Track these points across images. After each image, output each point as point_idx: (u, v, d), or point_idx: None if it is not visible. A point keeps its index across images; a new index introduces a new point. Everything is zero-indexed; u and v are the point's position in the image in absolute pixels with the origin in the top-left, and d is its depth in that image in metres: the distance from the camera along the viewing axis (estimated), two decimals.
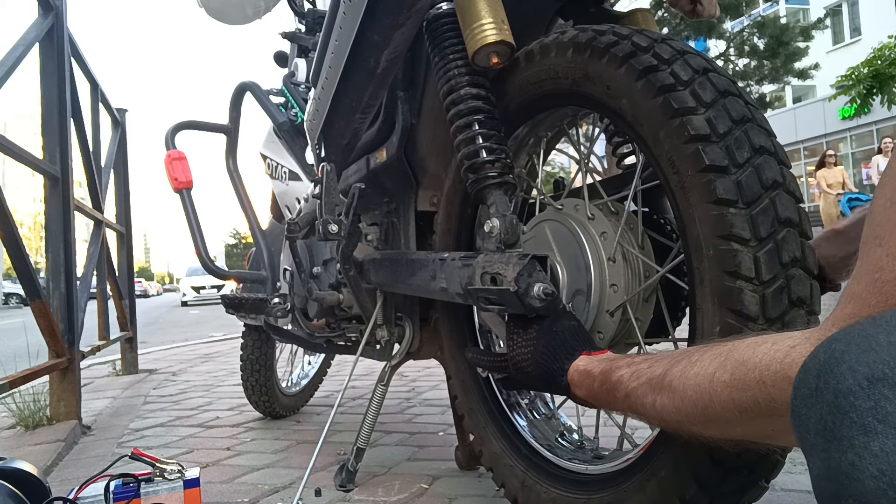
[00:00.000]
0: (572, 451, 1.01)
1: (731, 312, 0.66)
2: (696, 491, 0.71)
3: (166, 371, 3.63)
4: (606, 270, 0.87)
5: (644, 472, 0.77)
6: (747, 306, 0.65)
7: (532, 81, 0.93)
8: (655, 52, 0.75)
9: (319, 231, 1.19)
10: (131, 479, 1.04)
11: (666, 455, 0.75)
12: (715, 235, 0.68)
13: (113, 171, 3.45)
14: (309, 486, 1.32)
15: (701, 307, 0.70)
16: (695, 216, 0.70)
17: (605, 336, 0.88)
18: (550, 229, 0.96)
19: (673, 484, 0.73)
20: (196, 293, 21.06)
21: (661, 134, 0.73)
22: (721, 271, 0.67)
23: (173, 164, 1.84)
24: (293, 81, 1.83)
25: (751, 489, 0.73)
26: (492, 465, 1.07)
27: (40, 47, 2.23)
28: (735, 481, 0.71)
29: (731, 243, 0.66)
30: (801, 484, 1.22)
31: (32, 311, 2.05)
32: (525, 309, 0.82)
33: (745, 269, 0.66)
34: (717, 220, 0.67)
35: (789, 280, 0.66)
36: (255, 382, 2.09)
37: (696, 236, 0.70)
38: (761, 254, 0.66)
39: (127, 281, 3.74)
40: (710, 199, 0.68)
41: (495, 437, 1.07)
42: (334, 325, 1.55)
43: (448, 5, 0.98)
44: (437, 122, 1.16)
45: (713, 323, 0.68)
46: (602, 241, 0.88)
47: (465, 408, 1.16)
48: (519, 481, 0.99)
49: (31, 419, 2.11)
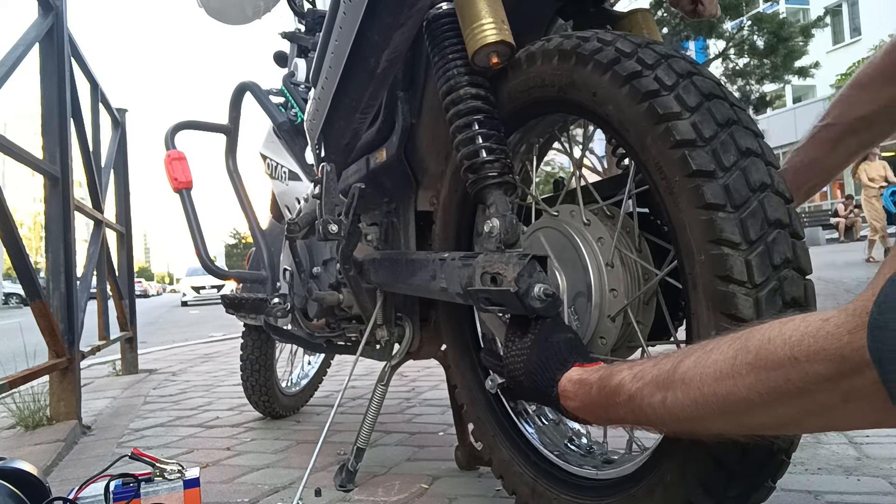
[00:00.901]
0: (581, 457, 1.01)
1: (726, 317, 0.66)
2: (701, 495, 0.70)
3: (166, 371, 3.63)
4: (605, 276, 0.86)
5: (652, 477, 0.77)
6: (741, 310, 0.65)
7: (521, 90, 0.93)
8: (639, 57, 0.75)
9: (319, 231, 1.19)
10: (131, 479, 1.04)
11: (672, 459, 0.74)
12: (705, 240, 0.68)
13: (113, 171, 3.45)
14: (309, 486, 1.32)
15: (696, 312, 0.70)
16: (685, 221, 0.70)
17: (607, 341, 0.87)
18: (547, 236, 0.96)
19: (679, 488, 0.73)
20: (196, 293, 21.08)
21: (648, 140, 0.73)
22: (714, 276, 0.67)
23: (173, 164, 1.84)
24: (293, 81, 1.83)
25: (757, 490, 0.72)
26: (502, 474, 1.06)
27: (40, 47, 2.23)
28: (742, 483, 0.70)
29: (722, 247, 0.66)
30: (801, 484, 1.22)
31: (32, 311, 2.05)
32: (525, 310, 0.82)
33: (737, 272, 0.66)
34: (706, 225, 0.67)
35: (782, 282, 0.66)
36: (254, 382, 2.09)
37: (688, 241, 0.70)
38: (752, 257, 0.65)
39: (127, 281, 3.74)
40: (698, 204, 0.68)
41: (504, 445, 1.06)
42: (334, 325, 1.55)
43: (448, 5, 0.98)
44: (437, 122, 1.16)
45: (709, 327, 0.68)
46: (599, 246, 0.88)
47: (473, 417, 1.15)
48: (529, 489, 0.98)
49: (31, 419, 2.11)
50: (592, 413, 0.75)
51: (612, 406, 0.69)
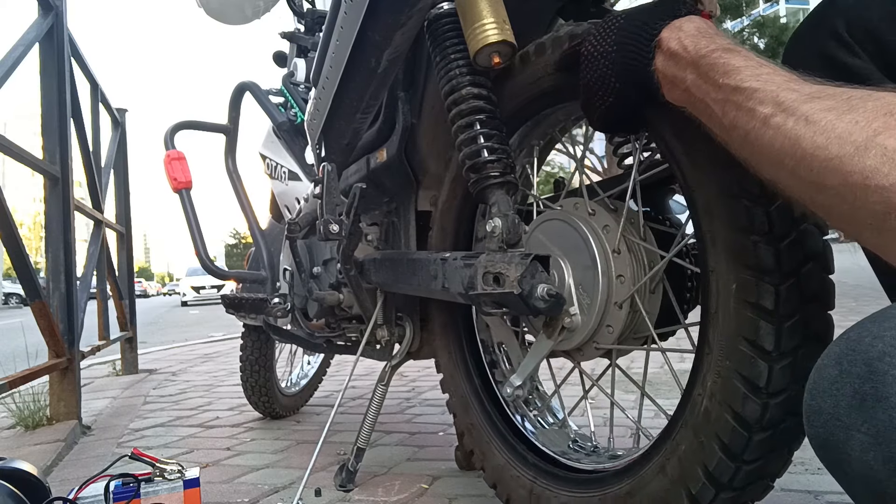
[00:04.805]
0: (586, 456, 1.01)
1: (746, 268, 0.67)
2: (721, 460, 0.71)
3: (166, 371, 3.63)
4: (612, 262, 0.86)
5: (662, 454, 0.77)
6: (763, 260, 0.66)
7: (530, 81, 0.94)
8: None
9: (320, 231, 1.19)
10: (131, 479, 1.04)
11: (685, 430, 0.74)
12: (723, 195, 0.69)
13: (113, 171, 3.45)
14: (309, 486, 1.31)
15: (715, 269, 0.71)
16: (702, 179, 0.71)
17: (614, 329, 0.87)
18: (553, 227, 0.96)
19: (694, 457, 0.73)
20: (196, 293, 21.08)
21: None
22: (733, 229, 0.68)
23: (173, 164, 1.84)
24: (292, 81, 1.83)
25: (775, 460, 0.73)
26: (496, 481, 1.06)
27: (40, 47, 2.22)
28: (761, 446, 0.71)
29: (743, 201, 0.67)
30: (801, 484, 1.22)
31: (32, 311, 2.05)
32: (530, 311, 0.82)
33: (758, 224, 0.67)
34: (725, 181, 0.68)
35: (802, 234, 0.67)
36: (254, 383, 2.09)
37: (705, 199, 0.71)
38: (773, 209, 0.67)
39: (127, 281, 3.74)
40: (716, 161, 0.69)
41: (499, 450, 1.06)
42: (334, 325, 1.55)
43: (449, 5, 0.98)
44: (438, 122, 1.16)
45: (728, 281, 0.69)
46: (605, 233, 0.88)
47: (465, 425, 1.15)
48: (527, 491, 0.98)
49: (30, 419, 2.10)
50: (686, 78, 0.63)
51: (707, 82, 0.60)
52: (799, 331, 0.68)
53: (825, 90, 0.51)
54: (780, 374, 0.67)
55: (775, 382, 0.67)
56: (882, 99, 0.47)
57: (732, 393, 0.69)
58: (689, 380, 0.75)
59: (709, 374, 0.71)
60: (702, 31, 0.63)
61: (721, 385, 0.70)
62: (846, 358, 0.38)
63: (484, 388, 1.15)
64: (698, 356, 0.74)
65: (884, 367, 0.35)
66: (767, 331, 0.67)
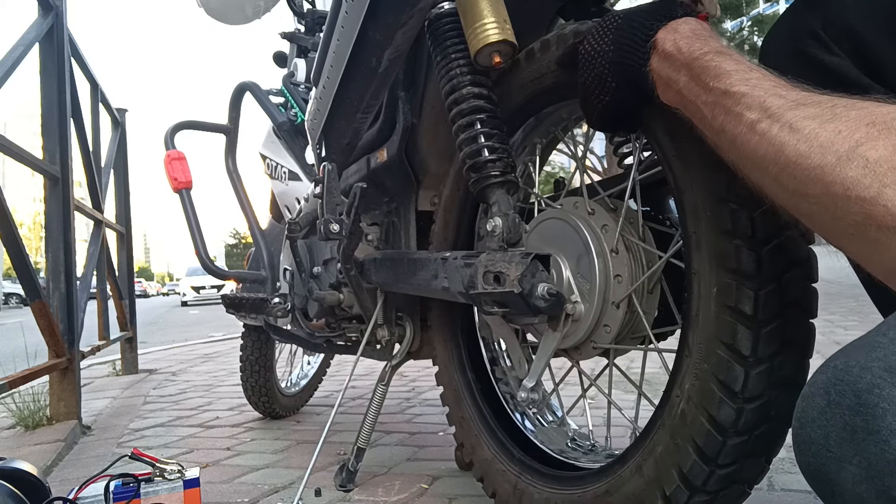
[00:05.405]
0: (584, 454, 1.01)
1: (728, 272, 0.68)
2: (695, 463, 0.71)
3: (166, 371, 3.63)
4: (610, 261, 0.86)
5: (640, 454, 0.77)
6: (744, 264, 0.67)
7: (532, 78, 0.94)
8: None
9: (321, 231, 1.19)
10: (131, 479, 1.04)
11: (661, 433, 0.75)
12: (712, 199, 0.69)
13: (113, 171, 3.45)
14: (309, 486, 1.31)
15: (698, 271, 0.71)
16: (691, 181, 0.71)
17: (611, 329, 0.87)
18: (552, 226, 0.96)
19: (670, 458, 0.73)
20: (196, 293, 21.08)
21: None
22: (718, 232, 0.68)
23: (173, 164, 1.84)
24: (293, 81, 1.83)
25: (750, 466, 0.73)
26: (483, 475, 1.06)
27: (40, 47, 2.22)
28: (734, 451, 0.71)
29: (730, 204, 0.67)
30: (801, 484, 1.22)
31: (32, 311, 2.05)
32: (530, 310, 0.82)
33: (741, 228, 0.67)
34: (713, 185, 0.69)
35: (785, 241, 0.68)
36: (254, 383, 2.09)
37: (693, 201, 0.71)
38: (757, 214, 0.67)
39: (127, 281, 3.74)
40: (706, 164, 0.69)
41: (488, 444, 1.06)
42: (334, 325, 1.55)
43: (450, 5, 0.98)
44: (438, 122, 1.16)
45: (710, 284, 0.69)
46: (604, 233, 0.88)
47: (456, 418, 1.15)
48: (511, 486, 0.98)
49: (30, 419, 2.10)
50: (679, 79, 0.63)
51: (699, 84, 0.60)
52: (777, 337, 0.68)
53: (811, 97, 0.51)
54: (757, 379, 0.67)
55: (751, 387, 0.67)
56: (865, 108, 0.47)
57: (709, 396, 0.69)
58: (668, 381, 0.76)
59: (687, 377, 0.71)
60: (697, 32, 0.64)
61: (698, 388, 0.70)
62: (834, 388, 0.38)
63: (479, 382, 1.15)
64: (678, 358, 0.74)
65: (873, 400, 0.35)
66: (745, 335, 0.67)
